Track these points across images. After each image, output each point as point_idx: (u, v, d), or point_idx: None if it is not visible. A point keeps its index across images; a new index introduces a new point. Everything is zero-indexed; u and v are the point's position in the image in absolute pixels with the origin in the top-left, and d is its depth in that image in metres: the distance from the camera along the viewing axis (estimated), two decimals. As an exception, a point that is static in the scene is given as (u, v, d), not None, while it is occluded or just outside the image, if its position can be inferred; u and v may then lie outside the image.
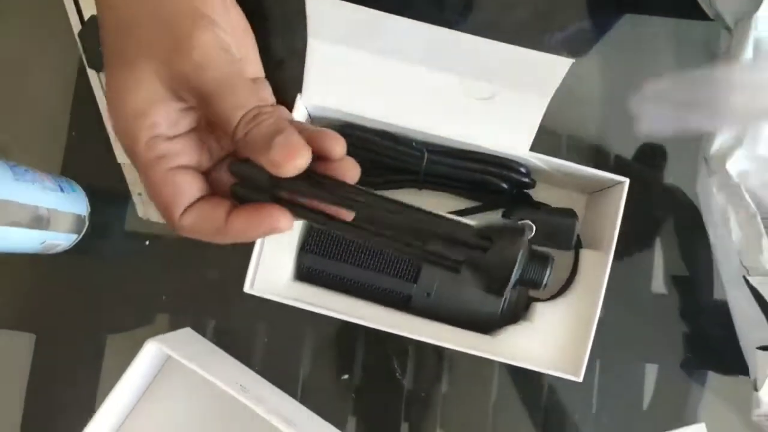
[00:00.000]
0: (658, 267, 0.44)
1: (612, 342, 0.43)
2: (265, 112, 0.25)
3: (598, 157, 0.44)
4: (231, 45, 0.27)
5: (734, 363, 0.41)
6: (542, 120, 0.38)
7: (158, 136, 0.26)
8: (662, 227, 0.45)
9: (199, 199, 0.27)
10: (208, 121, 0.28)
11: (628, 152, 0.44)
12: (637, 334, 0.44)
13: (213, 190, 0.28)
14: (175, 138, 0.27)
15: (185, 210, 0.27)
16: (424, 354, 0.43)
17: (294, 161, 0.24)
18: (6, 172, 0.34)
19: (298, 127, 0.26)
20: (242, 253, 0.38)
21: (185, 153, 0.27)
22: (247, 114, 0.25)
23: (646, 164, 0.44)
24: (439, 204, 0.42)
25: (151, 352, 0.37)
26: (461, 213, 0.42)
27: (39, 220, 0.37)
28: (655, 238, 0.45)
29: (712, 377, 0.44)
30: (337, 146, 0.26)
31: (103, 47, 0.28)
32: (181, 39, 0.25)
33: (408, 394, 0.43)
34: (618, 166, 0.44)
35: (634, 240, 0.44)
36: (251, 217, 0.26)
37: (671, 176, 0.45)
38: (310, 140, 0.25)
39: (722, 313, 0.43)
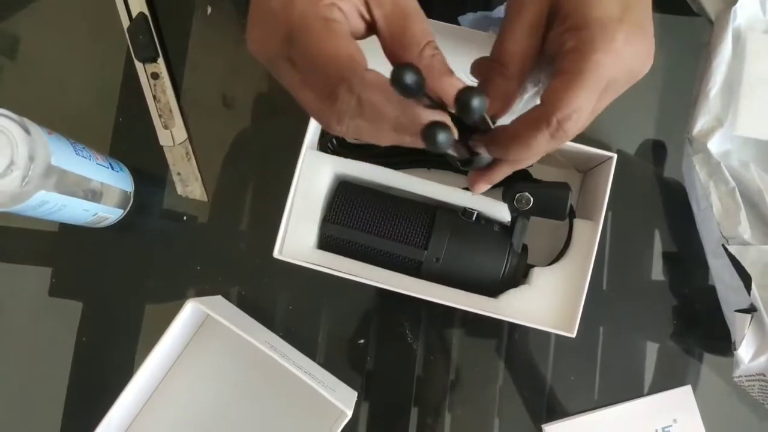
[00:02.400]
0: (649, 243, 0.48)
1: (609, 312, 0.47)
2: (438, 48, 0.28)
3: (591, 142, 0.48)
4: None
5: (718, 330, 0.45)
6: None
7: (336, 6, 0.27)
8: (653, 206, 0.49)
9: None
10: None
11: (619, 134, 0.48)
12: (631, 305, 0.48)
13: None
14: (348, 13, 0.28)
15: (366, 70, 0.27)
16: (434, 320, 0.48)
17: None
18: (68, 147, 0.39)
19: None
20: (267, 229, 0.42)
21: (354, 29, 0.28)
22: (430, 43, 0.28)
23: (637, 146, 0.48)
24: (447, 182, 0.46)
25: (191, 311, 0.41)
26: (468, 189, 0.46)
27: (93, 193, 0.42)
28: (647, 216, 0.49)
29: (698, 344, 0.47)
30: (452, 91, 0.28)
31: None
32: None
33: (419, 358, 0.47)
34: (606, 146, 0.48)
35: (627, 219, 0.48)
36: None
37: (660, 157, 0.49)
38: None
39: (707, 284, 0.47)
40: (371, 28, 0.29)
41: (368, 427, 0.46)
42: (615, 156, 0.41)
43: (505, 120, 0.30)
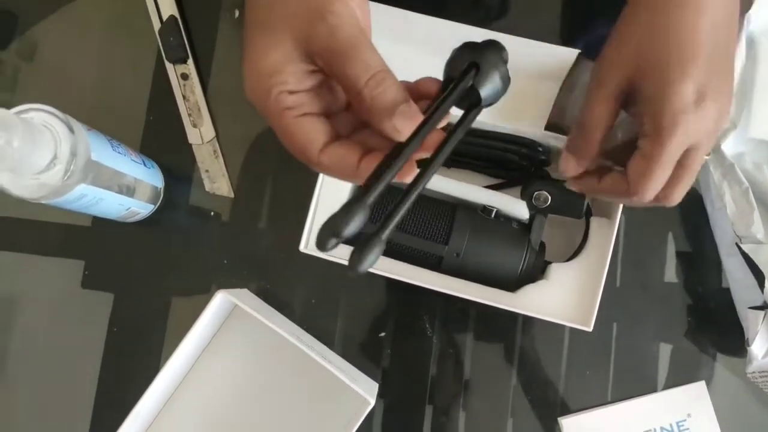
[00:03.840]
0: (664, 243, 0.49)
1: (623, 309, 0.48)
2: (390, 78, 0.27)
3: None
4: (358, 15, 0.29)
5: (732, 327, 0.46)
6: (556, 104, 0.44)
7: (286, 91, 0.28)
8: (667, 210, 0.50)
9: (333, 142, 0.29)
10: (328, 84, 0.30)
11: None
12: (645, 303, 0.49)
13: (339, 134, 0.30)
14: (301, 92, 0.29)
15: (321, 151, 0.29)
16: (453, 315, 0.49)
17: (412, 128, 0.27)
18: (105, 143, 0.41)
19: (405, 86, 0.29)
20: (291, 225, 0.44)
21: (310, 103, 0.29)
22: (374, 76, 0.27)
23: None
24: (467, 181, 0.48)
25: (221, 301, 0.43)
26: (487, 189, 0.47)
27: (127, 188, 0.44)
28: (662, 216, 0.50)
29: (712, 341, 0.48)
30: (434, 86, 0.29)
31: (247, 16, 0.31)
32: (318, 7, 0.28)
33: (436, 351, 0.49)
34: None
35: (642, 219, 0.49)
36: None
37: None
38: (412, 92, 0.29)
39: (720, 283, 0.48)
40: None
41: (385, 417, 0.48)
42: (631, 156, 0.42)
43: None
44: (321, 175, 0.44)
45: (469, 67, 0.28)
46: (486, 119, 0.44)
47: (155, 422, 0.46)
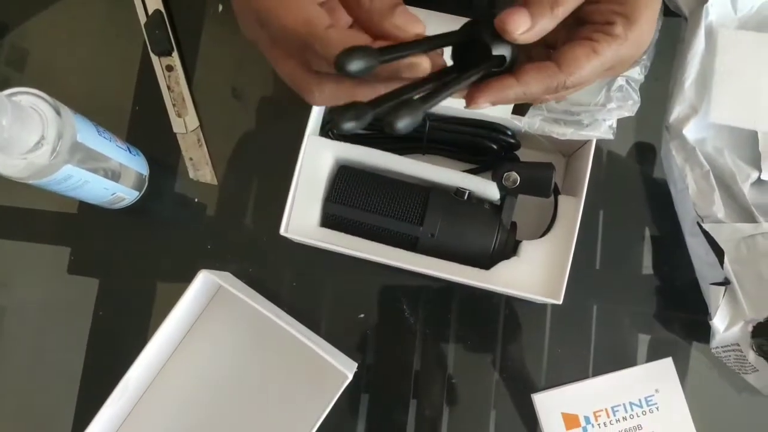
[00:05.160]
0: (634, 225, 0.51)
1: (599, 290, 0.50)
2: None
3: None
4: None
5: (697, 306, 0.48)
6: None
7: None
8: (636, 190, 0.52)
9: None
10: (330, 5, 0.30)
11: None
12: (619, 283, 0.51)
13: None
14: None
15: (328, 27, 0.27)
16: (431, 296, 0.50)
17: (412, 25, 0.28)
18: (91, 128, 0.43)
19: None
20: (272, 211, 0.46)
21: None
22: None
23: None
24: (440, 170, 0.50)
25: (203, 280, 0.44)
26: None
27: (113, 172, 0.45)
28: (631, 200, 0.52)
29: (679, 319, 0.50)
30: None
31: None
32: None
33: (417, 332, 0.50)
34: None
35: (615, 204, 0.51)
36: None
37: (642, 146, 0.52)
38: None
39: (685, 262, 0.50)
40: None
41: (369, 396, 0.49)
42: (594, 138, 0.44)
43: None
44: (299, 163, 0.46)
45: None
46: (455, 104, 0.46)
47: (142, 398, 0.47)
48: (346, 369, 0.43)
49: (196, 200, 0.52)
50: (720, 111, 0.48)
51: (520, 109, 0.46)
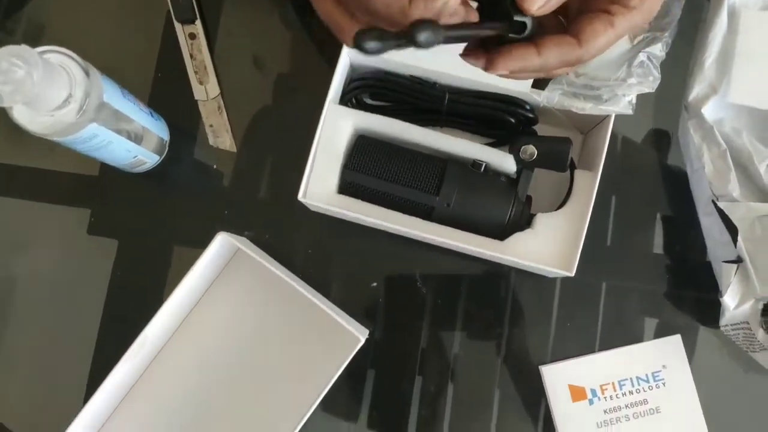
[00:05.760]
0: (648, 203, 0.52)
1: (610, 266, 0.51)
2: None
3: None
4: None
5: (708, 285, 0.49)
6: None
7: None
8: (652, 169, 0.52)
9: None
10: None
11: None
12: (631, 260, 0.51)
13: None
14: None
15: None
16: (443, 267, 0.51)
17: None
18: (116, 89, 0.43)
19: None
20: (290, 178, 0.46)
21: None
22: None
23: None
24: (458, 142, 0.50)
25: (221, 242, 0.45)
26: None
27: (135, 135, 0.46)
28: (647, 178, 0.52)
29: (689, 297, 0.51)
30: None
31: None
32: None
33: (428, 302, 0.51)
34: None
35: (629, 182, 0.52)
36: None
37: (659, 124, 0.52)
38: None
39: (699, 242, 0.51)
40: None
41: (379, 362, 0.50)
42: (613, 114, 0.44)
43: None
44: (319, 129, 0.46)
45: None
46: (474, 77, 0.46)
47: (158, 356, 0.49)
48: (359, 333, 0.44)
49: (214, 167, 0.52)
50: (739, 91, 0.48)
51: (538, 84, 0.46)
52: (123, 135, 0.45)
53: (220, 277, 0.50)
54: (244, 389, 0.48)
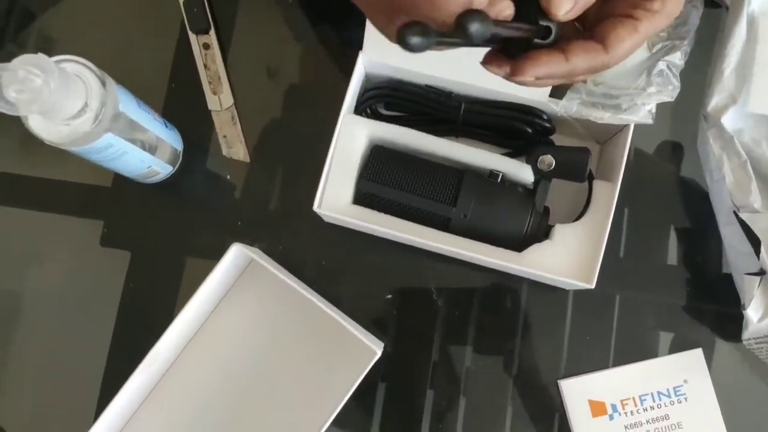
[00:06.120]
0: (665, 214, 0.51)
1: (625, 278, 0.50)
2: None
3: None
4: None
5: (729, 297, 0.48)
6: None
7: None
8: (670, 179, 0.52)
9: None
10: None
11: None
12: (646, 272, 0.50)
13: None
14: None
15: None
16: (459, 280, 0.50)
17: None
18: (132, 99, 0.43)
19: None
20: (304, 190, 0.46)
21: None
22: None
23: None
24: (475, 152, 0.49)
25: (235, 253, 0.45)
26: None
27: (150, 145, 0.46)
28: (664, 188, 0.51)
29: (710, 311, 0.50)
30: None
31: None
32: None
33: (442, 314, 0.50)
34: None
35: (645, 191, 0.51)
36: None
37: (676, 135, 0.52)
38: None
39: (718, 254, 0.50)
40: None
41: (390, 376, 0.49)
42: (632, 123, 0.44)
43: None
44: (334, 140, 0.46)
45: None
46: (490, 86, 0.46)
47: (171, 369, 0.48)
48: (375, 346, 0.43)
49: (228, 177, 0.52)
50: (759, 101, 0.47)
51: (556, 93, 0.46)
52: (137, 145, 0.44)
53: (233, 288, 0.49)
54: (258, 401, 0.48)
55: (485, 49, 0.33)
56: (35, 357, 0.51)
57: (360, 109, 0.50)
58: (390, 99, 0.49)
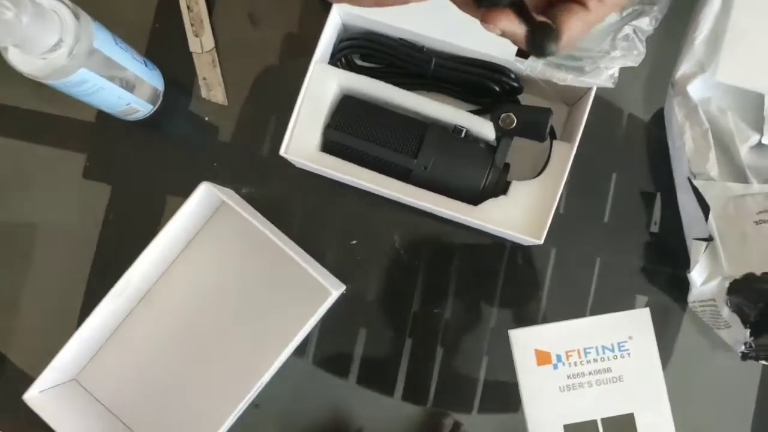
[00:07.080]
0: (629, 177, 0.52)
1: (586, 238, 0.51)
2: None
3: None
4: None
5: (683, 262, 0.49)
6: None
7: None
8: (634, 144, 0.53)
9: None
10: None
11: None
12: (607, 233, 0.52)
13: None
14: None
15: None
16: (420, 230, 0.52)
17: None
18: (108, 37, 0.44)
19: None
20: (279, 134, 0.47)
21: None
22: None
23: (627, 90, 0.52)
24: (441, 107, 0.50)
25: (205, 191, 0.47)
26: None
27: (128, 83, 0.48)
28: (630, 152, 0.52)
29: (662, 273, 0.51)
30: None
31: None
32: None
33: (404, 262, 0.52)
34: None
35: (610, 158, 0.52)
36: None
37: (649, 101, 0.52)
38: None
39: (676, 219, 0.51)
40: None
41: (359, 317, 0.52)
42: (594, 86, 0.45)
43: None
44: (303, 88, 0.47)
45: None
46: (461, 43, 0.46)
47: (143, 299, 0.51)
48: (333, 288, 0.46)
49: (206, 119, 0.54)
50: (728, 71, 0.47)
51: (523, 53, 0.46)
52: (115, 82, 0.46)
53: (205, 227, 0.51)
54: (225, 334, 0.51)
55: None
56: (19, 282, 0.54)
57: (335, 59, 0.51)
58: (364, 50, 0.50)
